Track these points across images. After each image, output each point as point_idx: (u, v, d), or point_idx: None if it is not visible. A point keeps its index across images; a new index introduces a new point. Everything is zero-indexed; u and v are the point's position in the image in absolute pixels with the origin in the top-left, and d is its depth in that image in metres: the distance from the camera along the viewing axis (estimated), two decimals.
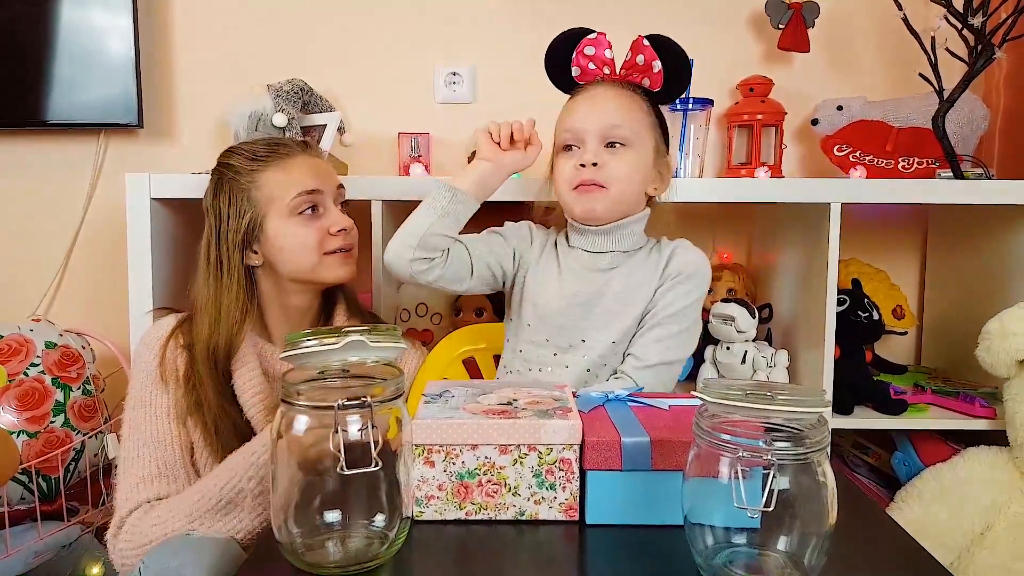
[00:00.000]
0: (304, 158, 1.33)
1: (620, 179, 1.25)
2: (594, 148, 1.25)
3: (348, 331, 0.82)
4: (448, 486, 0.88)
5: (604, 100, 1.27)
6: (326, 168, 1.35)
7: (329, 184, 1.33)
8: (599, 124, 1.25)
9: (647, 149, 1.28)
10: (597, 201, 1.26)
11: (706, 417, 0.74)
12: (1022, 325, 1.55)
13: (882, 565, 0.79)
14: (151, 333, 1.30)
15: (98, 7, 1.96)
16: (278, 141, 1.36)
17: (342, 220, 1.32)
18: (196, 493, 1.12)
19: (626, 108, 1.27)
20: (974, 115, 1.88)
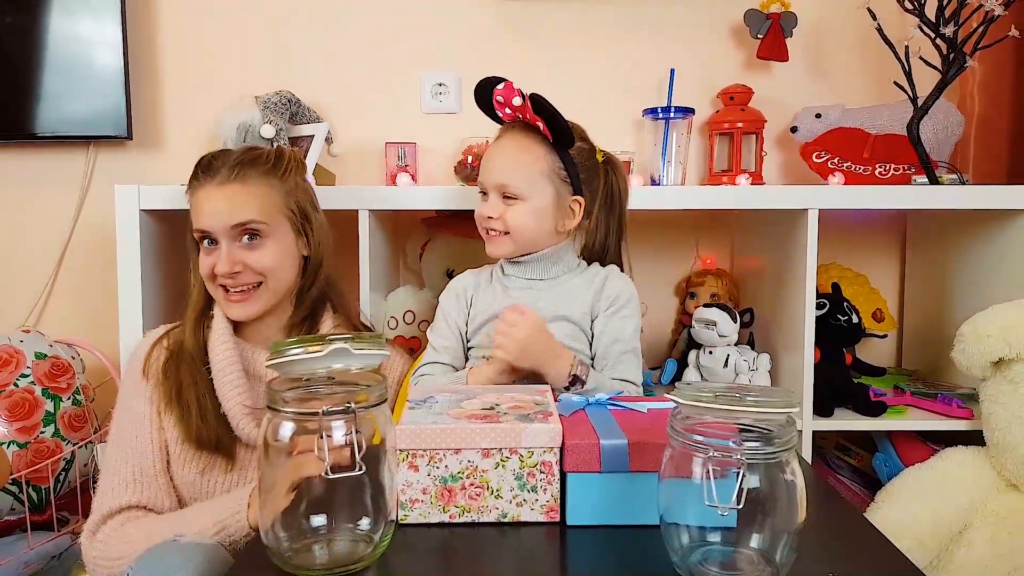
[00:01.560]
0: (210, 189, 1.29)
1: (516, 228, 1.36)
2: (494, 200, 1.37)
3: (332, 339, 0.84)
4: (432, 490, 0.90)
5: (501, 156, 1.38)
6: (224, 205, 1.29)
7: (220, 223, 1.28)
8: (494, 181, 1.37)
9: (543, 197, 1.36)
10: (500, 246, 1.39)
11: (680, 419, 0.77)
12: (995, 327, 1.58)
13: (852, 560, 0.82)
14: (142, 340, 1.35)
15: (87, 19, 1.98)
16: (205, 165, 1.33)
17: (221, 263, 1.28)
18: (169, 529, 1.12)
19: (519, 163, 1.35)
20: (949, 122, 1.92)
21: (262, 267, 1.30)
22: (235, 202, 1.29)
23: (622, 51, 2.10)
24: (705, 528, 0.77)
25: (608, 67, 2.10)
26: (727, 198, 1.71)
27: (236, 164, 1.31)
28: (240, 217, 1.28)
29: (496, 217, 1.36)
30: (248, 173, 1.31)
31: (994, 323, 1.60)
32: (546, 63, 2.09)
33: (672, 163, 1.94)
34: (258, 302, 1.32)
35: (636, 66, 2.09)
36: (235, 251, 1.29)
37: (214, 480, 1.25)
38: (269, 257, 1.31)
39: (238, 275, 1.29)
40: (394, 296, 1.89)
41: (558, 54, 2.09)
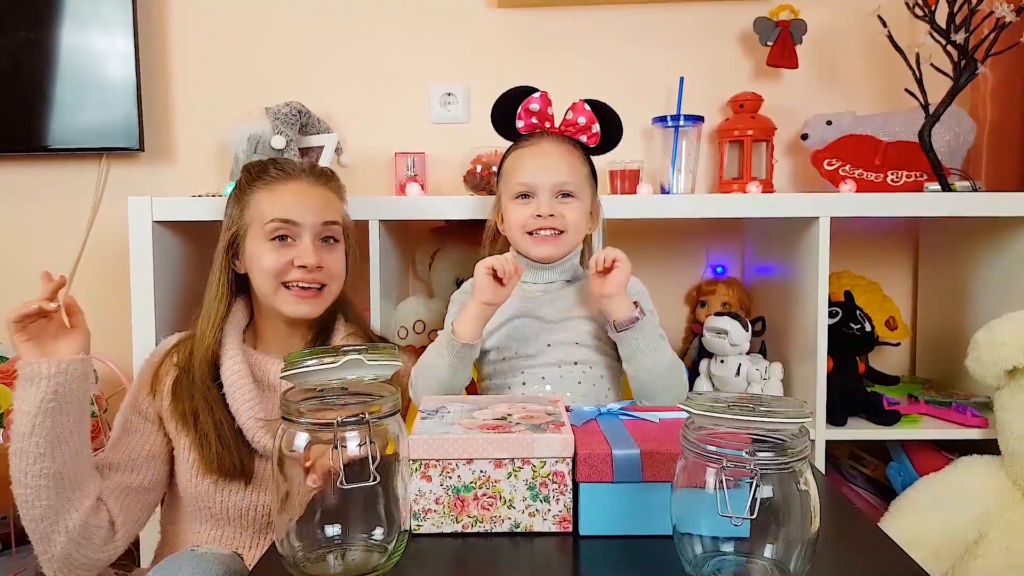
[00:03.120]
0: (298, 185, 1.34)
1: (573, 225, 1.41)
2: (547, 200, 1.40)
3: (346, 350, 0.85)
4: (445, 499, 0.90)
5: (553, 157, 1.42)
6: (318, 199, 1.35)
7: (311, 218, 1.32)
8: (552, 180, 1.40)
9: (588, 197, 1.45)
10: (555, 246, 1.42)
11: (693, 429, 0.76)
12: (1010, 335, 1.57)
13: (866, 571, 0.81)
14: (155, 351, 1.37)
15: (99, 32, 2.00)
16: (283, 165, 1.37)
17: (309, 256, 1.30)
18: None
19: (571, 164, 1.42)
20: (961, 128, 1.91)
21: (335, 270, 1.36)
22: (327, 201, 1.37)
23: (631, 60, 2.10)
24: (718, 538, 0.77)
25: (617, 76, 2.10)
26: (738, 206, 1.71)
27: (320, 171, 1.39)
28: (331, 215, 1.35)
29: (557, 215, 1.38)
30: (330, 182, 1.40)
31: (1008, 331, 1.59)
32: (554, 72, 2.10)
33: (682, 171, 1.94)
34: (321, 304, 1.35)
35: (645, 74, 2.09)
36: (318, 250, 1.33)
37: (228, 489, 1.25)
38: (340, 263, 1.38)
39: (318, 271, 1.32)
40: (404, 306, 1.90)
41: (566, 63, 2.10)
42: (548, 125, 1.45)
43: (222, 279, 1.36)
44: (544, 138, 1.45)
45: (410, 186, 1.82)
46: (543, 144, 1.44)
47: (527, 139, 1.46)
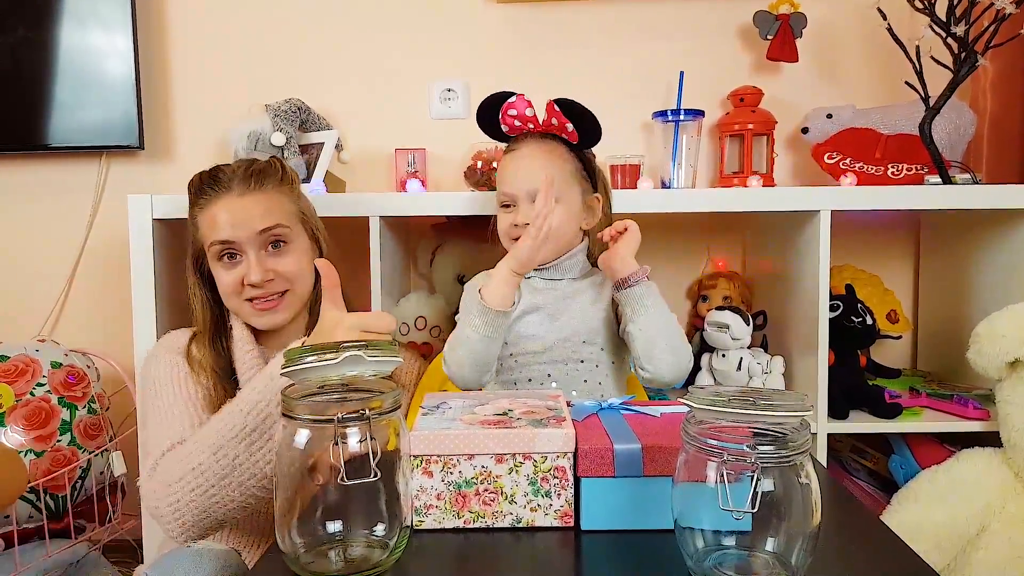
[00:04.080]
0: (227, 200, 1.30)
1: (556, 229, 1.34)
2: (525, 208, 1.36)
3: (346, 346, 0.85)
4: (446, 495, 0.90)
5: (528, 162, 1.37)
6: (251, 210, 1.30)
7: (246, 232, 1.28)
8: (526, 187, 1.36)
9: (573, 196, 1.39)
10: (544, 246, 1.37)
11: (693, 423, 0.76)
12: (1011, 327, 1.57)
13: (868, 563, 0.81)
14: (170, 339, 1.35)
15: (98, 31, 2.00)
16: (211, 178, 1.33)
17: (254, 273, 1.28)
18: (219, 423, 1.09)
19: (548, 166, 1.35)
20: (962, 121, 1.91)
21: (290, 273, 1.32)
22: (259, 210, 1.30)
23: (630, 54, 2.10)
24: (720, 532, 0.77)
25: (617, 70, 2.10)
26: (738, 200, 1.71)
27: (250, 174, 1.32)
28: (267, 222, 1.30)
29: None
30: (264, 182, 1.33)
31: (1010, 323, 1.59)
32: (554, 67, 2.10)
33: (682, 166, 1.94)
34: (287, 310, 1.33)
35: (645, 69, 2.09)
36: (265, 260, 1.30)
37: None
38: (295, 263, 1.33)
39: (269, 283, 1.30)
40: (405, 302, 1.90)
41: (566, 58, 2.10)
42: (532, 126, 1.40)
43: (198, 292, 1.36)
44: (524, 142, 1.40)
45: (410, 182, 1.82)
46: (521, 149, 1.40)
47: (512, 142, 1.43)
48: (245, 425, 1.07)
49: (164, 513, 1.10)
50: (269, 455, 1.07)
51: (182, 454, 1.11)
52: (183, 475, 1.08)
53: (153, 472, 1.14)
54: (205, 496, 1.07)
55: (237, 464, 1.06)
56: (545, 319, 1.40)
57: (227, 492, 1.07)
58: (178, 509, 1.08)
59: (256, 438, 1.07)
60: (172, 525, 1.10)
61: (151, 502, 1.12)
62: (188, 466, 1.08)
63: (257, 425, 1.07)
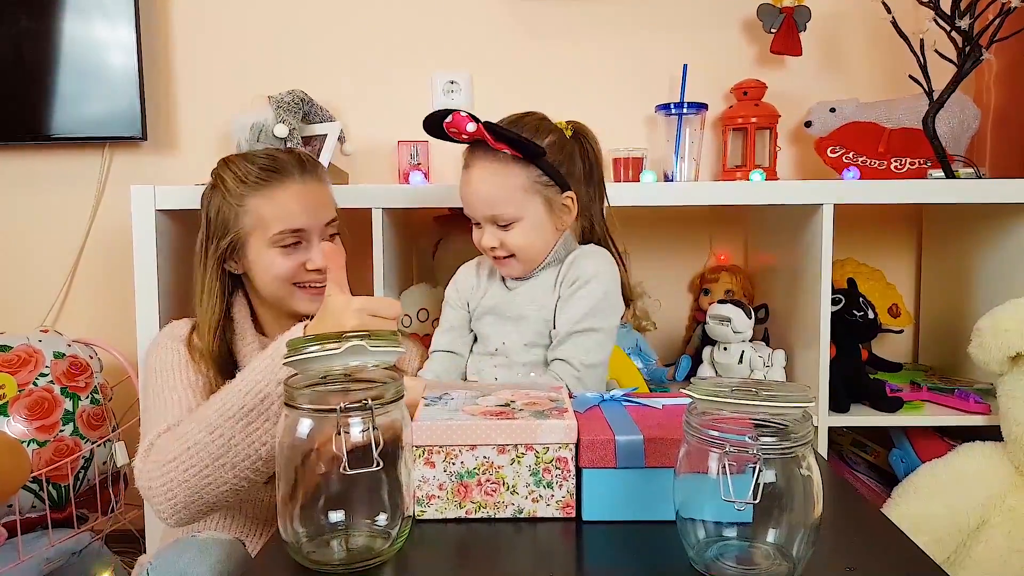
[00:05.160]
0: (296, 188, 1.30)
1: (520, 248, 1.32)
2: (489, 231, 1.33)
3: (349, 336, 0.85)
4: (448, 486, 0.90)
5: (479, 187, 1.31)
6: (318, 199, 1.32)
7: (318, 219, 1.30)
8: (483, 212, 1.32)
9: (534, 210, 1.31)
10: (513, 267, 1.36)
11: (695, 415, 0.76)
12: (1013, 322, 1.57)
13: (869, 555, 0.81)
14: (171, 328, 1.35)
15: (101, 21, 1.99)
16: (273, 164, 1.31)
17: (320, 259, 1.29)
18: (217, 402, 1.08)
19: (498, 188, 1.30)
20: (965, 115, 1.90)
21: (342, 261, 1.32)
22: (323, 197, 1.34)
23: (634, 47, 2.10)
24: (721, 523, 0.77)
25: (620, 63, 2.10)
26: (741, 193, 1.70)
27: (303, 164, 1.33)
28: (332, 213, 1.34)
29: (498, 246, 1.33)
30: (316, 172, 1.35)
31: (1012, 318, 1.59)
32: (557, 60, 2.09)
33: (685, 159, 1.94)
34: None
35: (648, 62, 2.09)
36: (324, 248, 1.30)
37: None
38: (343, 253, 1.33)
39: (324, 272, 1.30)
40: (408, 294, 1.90)
41: (570, 51, 2.09)
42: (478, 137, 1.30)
43: (215, 285, 1.33)
44: (474, 160, 1.32)
45: (413, 174, 1.81)
46: (472, 171, 1.32)
47: (467, 155, 1.35)
48: (243, 405, 1.06)
49: (157, 493, 1.09)
50: (265, 436, 1.06)
51: (178, 434, 1.10)
52: (178, 454, 1.07)
53: (148, 452, 1.13)
54: (199, 476, 1.07)
55: (233, 444, 1.05)
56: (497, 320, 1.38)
57: (221, 473, 1.07)
58: (171, 489, 1.07)
59: (254, 418, 1.06)
60: (164, 505, 1.09)
61: (144, 482, 1.11)
62: (184, 445, 1.07)
63: (255, 406, 1.06)
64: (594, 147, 1.42)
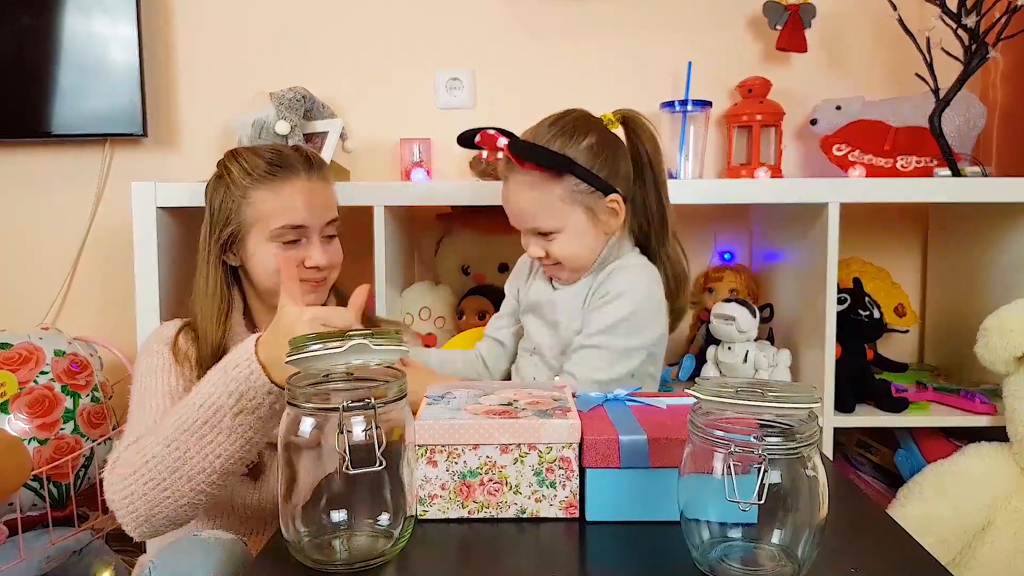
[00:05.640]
0: (300, 184, 1.29)
1: (566, 257, 1.31)
2: (534, 241, 1.33)
3: (352, 335, 0.84)
4: (451, 485, 0.90)
5: (517, 202, 1.31)
6: (321, 198, 1.32)
7: (319, 218, 1.30)
8: (524, 225, 1.33)
9: (575, 219, 1.29)
10: (562, 273, 1.36)
11: (700, 415, 0.76)
12: (1019, 322, 1.56)
13: (874, 556, 0.81)
14: (162, 326, 1.34)
15: (102, 18, 1.99)
16: (280, 159, 1.30)
17: (319, 257, 1.29)
18: (174, 415, 1.06)
19: (535, 201, 1.28)
20: (971, 113, 1.89)
21: (336, 260, 1.35)
22: (327, 197, 1.34)
23: (638, 44, 2.09)
24: (726, 524, 0.76)
25: (624, 60, 2.09)
26: (746, 191, 1.70)
27: (309, 162, 1.33)
28: (333, 213, 1.34)
29: (543, 256, 1.33)
30: (323, 171, 1.35)
31: (1018, 318, 1.58)
32: (561, 57, 2.08)
33: (690, 157, 1.93)
34: (325, 291, 1.36)
35: (653, 59, 2.08)
36: (324, 244, 1.32)
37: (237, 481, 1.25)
38: (339, 252, 1.37)
39: (322, 270, 1.32)
40: (409, 292, 1.89)
41: (573, 48, 2.08)
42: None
43: (218, 276, 1.32)
44: (511, 173, 1.30)
45: (415, 172, 1.81)
46: (509, 184, 1.32)
47: (504, 168, 1.33)
48: (197, 418, 1.03)
49: (120, 506, 1.07)
50: (219, 449, 1.03)
51: (140, 446, 1.09)
52: (138, 467, 1.06)
53: (115, 464, 1.12)
54: (158, 490, 1.05)
55: (188, 458, 1.03)
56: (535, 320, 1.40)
57: (179, 486, 1.04)
58: (132, 502, 1.06)
59: (207, 432, 1.03)
60: (127, 518, 1.07)
61: (108, 494, 1.10)
62: (143, 459, 1.06)
63: (208, 418, 1.03)
64: (647, 141, 1.38)
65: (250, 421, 1.01)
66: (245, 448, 1.04)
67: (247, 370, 1.00)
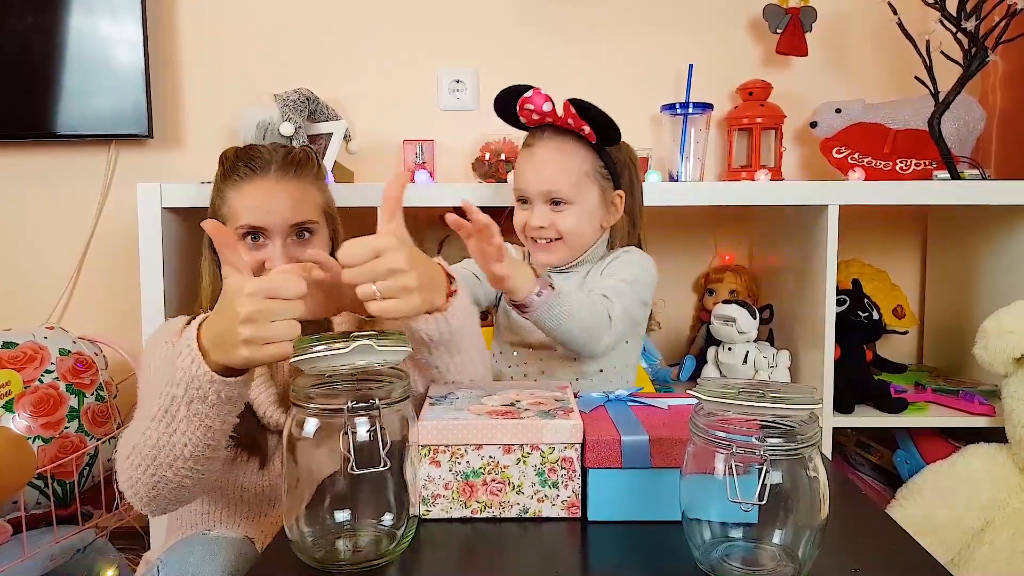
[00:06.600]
0: (265, 185, 1.26)
1: (570, 233, 1.35)
2: (540, 210, 1.35)
3: (356, 336, 0.85)
4: (454, 485, 0.90)
5: (543, 163, 1.35)
6: (288, 199, 1.26)
7: (278, 221, 1.25)
8: (540, 188, 1.34)
9: (590, 197, 1.36)
10: (554, 253, 1.38)
11: (702, 415, 0.76)
12: (1018, 323, 1.57)
13: (874, 557, 0.81)
14: (168, 325, 1.34)
15: (107, 18, 2.00)
16: (250, 158, 1.29)
17: (280, 261, 1.24)
18: (147, 403, 1.05)
19: (563, 168, 1.33)
20: (970, 116, 1.90)
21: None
22: (295, 199, 1.28)
23: (640, 46, 2.10)
24: (727, 524, 0.77)
25: (626, 62, 2.10)
26: (746, 194, 1.70)
27: (289, 162, 1.30)
28: (299, 216, 1.27)
29: (547, 226, 1.34)
30: (302, 172, 1.31)
31: (1017, 319, 1.59)
32: (563, 59, 2.09)
33: (690, 159, 1.94)
34: None
35: (654, 61, 2.09)
36: (290, 248, 1.27)
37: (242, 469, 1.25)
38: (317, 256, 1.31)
39: None
40: None
41: (575, 49, 2.09)
42: (550, 120, 1.35)
43: (213, 267, 1.32)
44: (540, 139, 1.36)
45: (418, 173, 1.82)
46: (536, 149, 1.36)
47: (529, 136, 1.40)
48: (159, 407, 1.01)
49: (125, 488, 1.08)
50: (183, 438, 1.00)
51: (131, 431, 1.09)
52: (128, 454, 1.06)
53: (118, 450, 1.11)
54: (147, 475, 1.04)
55: (161, 446, 1.01)
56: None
57: (163, 472, 1.04)
58: (132, 485, 1.06)
59: (169, 420, 1.00)
60: (133, 499, 1.08)
61: (118, 478, 1.10)
62: (131, 445, 1.06)
63: (167, 407, 1.00)
64: (638, 168, 1.50)
65: (204, 409, 0.97)
66: (208, 436, 1.00)
67: (188, 359, 0.96)
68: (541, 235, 1.36)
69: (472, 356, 1.10)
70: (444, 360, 1.08)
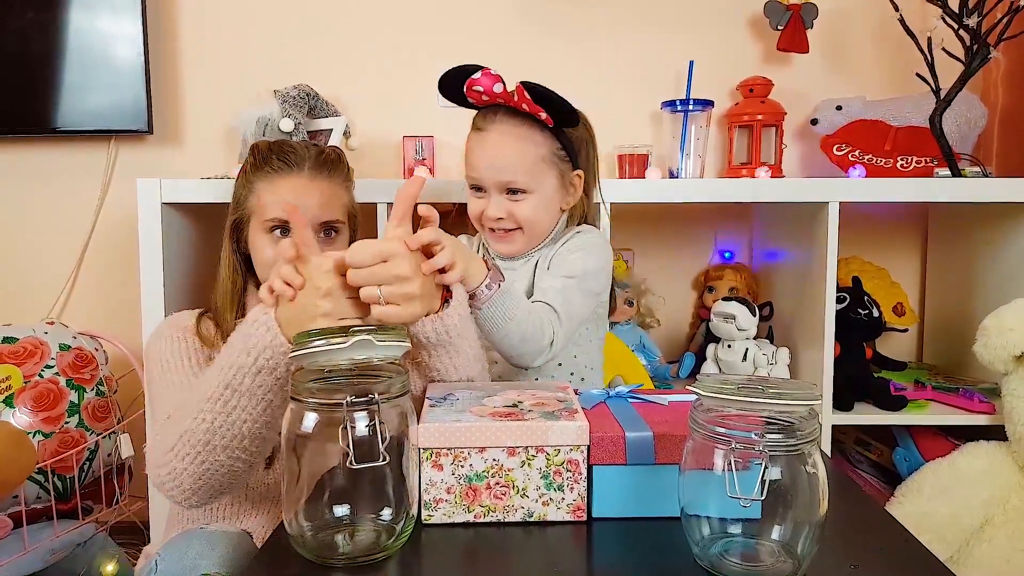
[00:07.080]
0: (299, 182, 1.28)
1: (529, 222, 1.31)
2: (497, 200, 1.30)
3: (355, 330, 0.85)
4: (456, 489, 0.88)
5: (497, 149, 1.29)
6: (319, 197, 1.29)
7: (313, 216, 1.26)
8: (496, 179, 1.29)
9: (548, 183, 1.31)
10: (513, 243, 1.34)
11: (701, 411, 0.76)
12: (1018, 321, 1.57)
13: (873, 553, 0.81)
14: (174, 319, 1.33)
15: (108, 14, 1.99)
16: (285, 154, 1.31)
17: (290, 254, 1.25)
18: (200, 386, 1.05)
19: (519, 155, 1.28)
20: (972, 114, 1.90)
21: None
22: (326, 198, 1.29)
23: (640, 43, 2.09)
24: (726, 520, 0.77)
25: (626, 59, 2.09)
26: (746, 191, 1.70)
27: (322, 162, 1.31)
28: (328, 215, 1.29)
29: (505, 216, 1.31)
30: (334, 172, 1.33)
31: (1017, 317, 1.59)
32: (564, 55, 2.09)
33: (691, 156, 1.93)
34: None
35: (654, 58, 2.08)
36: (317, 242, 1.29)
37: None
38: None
39: None
40: None
41: (576, 46, 2.09)
42: (509, 102, 1.27)
43: (231, 261, 1.33)
44: (493, 122, 1.30)
45: (418, 170, 1.81)
46: (489, 133, 1.30)
47: (482, 119, 1.33)
48: (219, 382, 1.01)
49: (165, 481, 1.07)
50: (244, 415, 1.01)
51: (173, 422, 1.09)
52: (174, 443, 1.05)
53: (153, 445, 1.11)
54: (196, 463, 1.05)
55: (217, 427, 1.02)
56: None
57: (215, 456, 1.04)
58: (176, 477, 1.06)
59: (229, 396, 1.01)
60: (174, 492, 1.07)
61: (152, 475, 1.09)
62: (177, 434, 1.05)
63: (229, 381, 1.00)
64: (591, 132, 1.42)
65: (269, 382, 0.98)
66: (267, 413, 1.01)
67: (263, 327, 0.97)
68: (499, 226, 1.32)
69: (471, 357, 1.10)
70: (444, 362, 1.08)
